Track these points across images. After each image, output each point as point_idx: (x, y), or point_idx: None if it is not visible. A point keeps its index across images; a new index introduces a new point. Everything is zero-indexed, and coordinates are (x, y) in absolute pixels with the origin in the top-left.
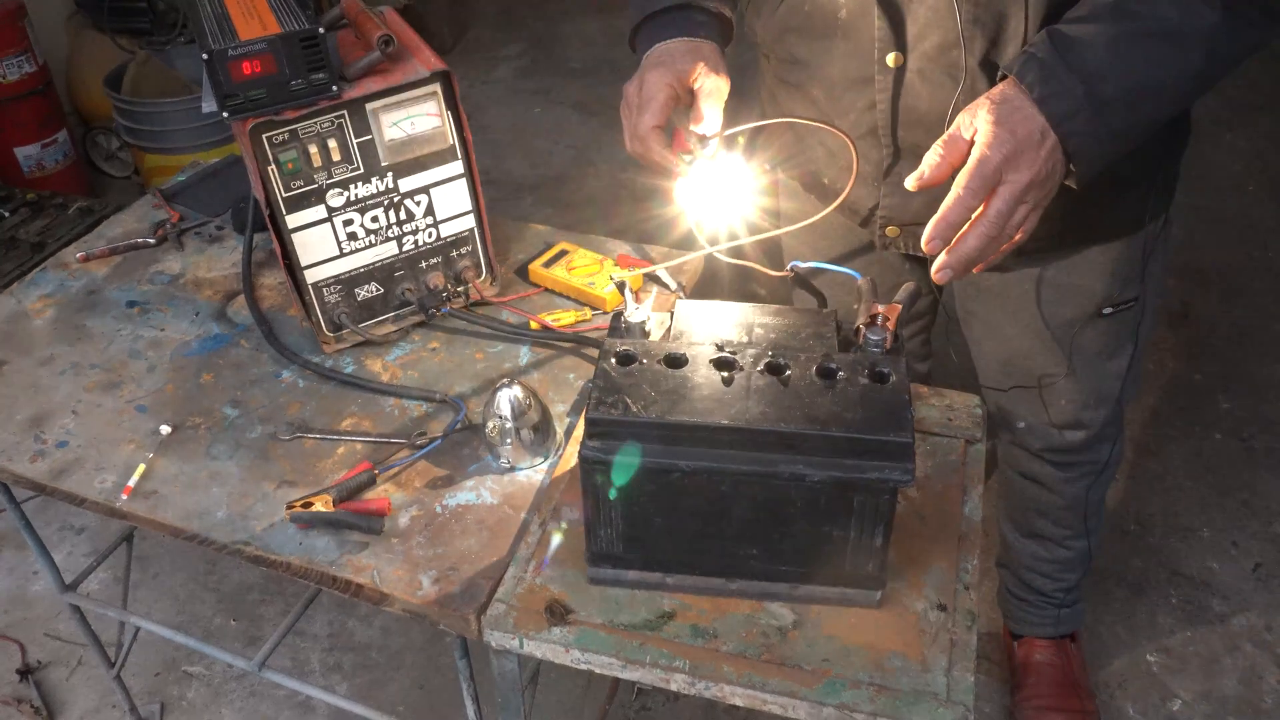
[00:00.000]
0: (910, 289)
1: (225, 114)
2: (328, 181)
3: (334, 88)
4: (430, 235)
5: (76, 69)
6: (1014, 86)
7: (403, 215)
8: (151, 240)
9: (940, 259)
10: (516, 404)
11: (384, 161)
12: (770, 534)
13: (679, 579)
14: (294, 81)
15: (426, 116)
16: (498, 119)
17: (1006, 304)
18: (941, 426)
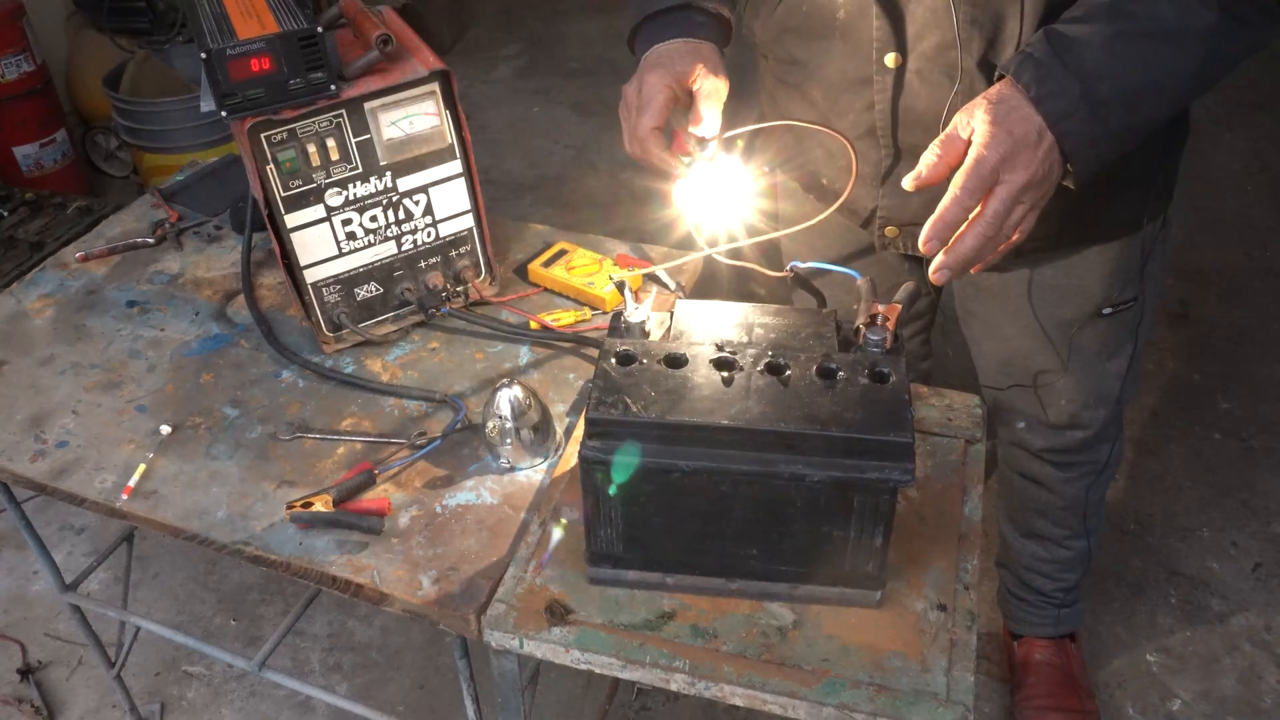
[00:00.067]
0: (910, 289)
1: (224, 113)
2: (326, 181)
3: (332, 87)
4: (429, 235)
5: (75, 68)
6: (1011, 86)
7: (401, 215)
8: (150, 240)
9: (938, 259)
10: (516, 404)
11: (383, 161)
12: (770, 534)
13: (679, 579)
14: (292, 81)
15: (425, 116)
16: (497, 119)
17: (1006, 304)
18: (941, 426)
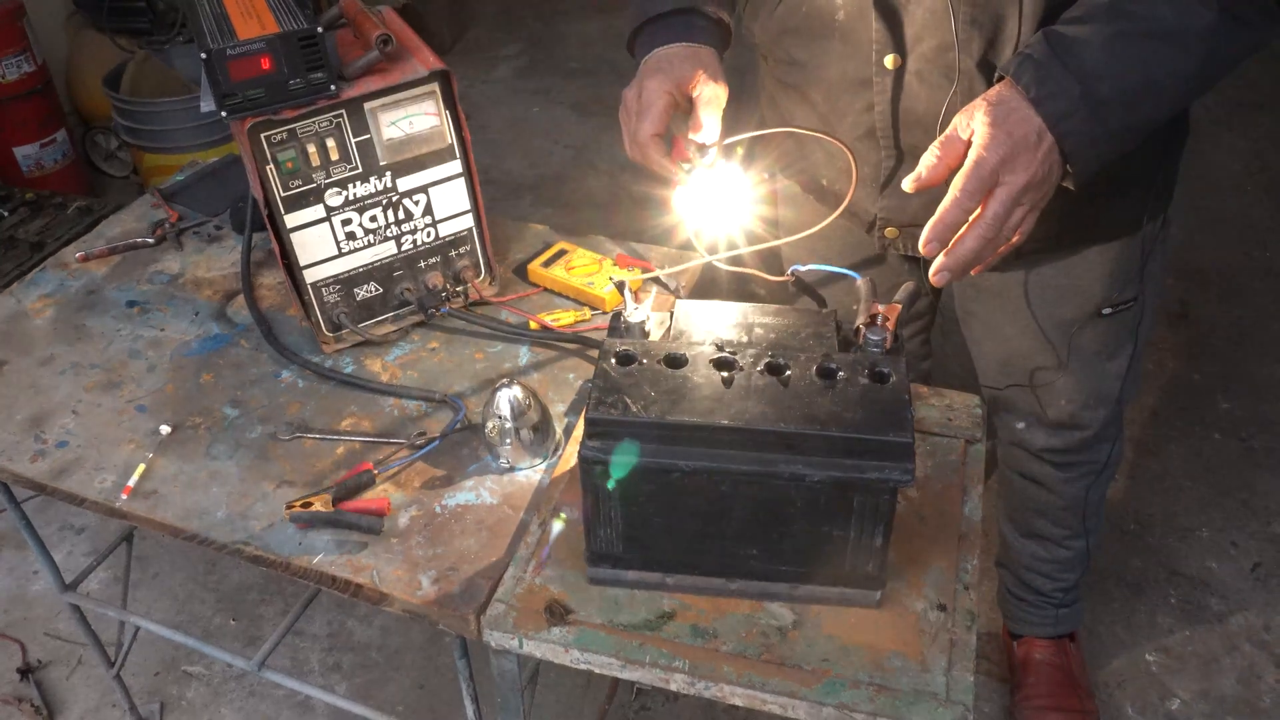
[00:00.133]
0: (910, 289)
1: (224, 113)
2: (326, 181)
3: (332, 87)
4: (429, 235)
5: (76, 69)
6: (1010, 88)
7: (401, 215)
8: (150, 240)
9: (938, 261)
10: (516, 404)
11: (382, 161)
12: (770, 534)
13: (679, 579)
14: (292, 81)
15: (425, 116)
16: (497, 119)
17: (1006, 304)
18: (941, 426)
